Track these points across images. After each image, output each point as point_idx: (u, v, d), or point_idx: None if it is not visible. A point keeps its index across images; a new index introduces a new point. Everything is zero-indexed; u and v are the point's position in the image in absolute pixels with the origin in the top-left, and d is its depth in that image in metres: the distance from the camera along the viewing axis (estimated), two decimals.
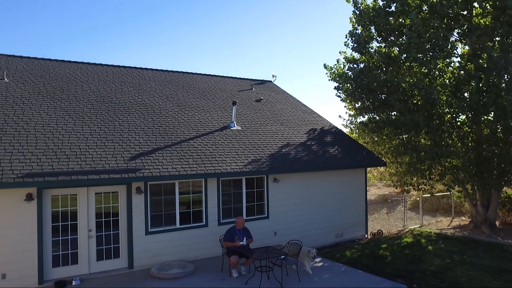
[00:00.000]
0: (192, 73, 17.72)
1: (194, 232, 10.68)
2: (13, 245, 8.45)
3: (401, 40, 15.04)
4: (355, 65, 16.46)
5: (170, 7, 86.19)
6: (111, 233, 9.70)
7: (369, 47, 16.11)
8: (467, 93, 14.60)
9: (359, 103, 17.00)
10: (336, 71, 17.00)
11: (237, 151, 11.84)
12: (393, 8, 15.01)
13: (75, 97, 12.32)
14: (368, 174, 15.21)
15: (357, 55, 16.65)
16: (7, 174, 8.11)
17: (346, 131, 17.92)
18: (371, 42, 16.02)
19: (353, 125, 18.38)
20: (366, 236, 14.41)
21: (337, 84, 16.95)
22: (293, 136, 14.10)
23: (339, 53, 17.48)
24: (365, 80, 15.25)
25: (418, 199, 18.34)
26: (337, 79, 16.84)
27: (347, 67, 16.60)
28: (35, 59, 14.37)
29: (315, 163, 12.61)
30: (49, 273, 8.91)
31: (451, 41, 14.38)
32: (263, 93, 17.71)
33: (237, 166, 11.03)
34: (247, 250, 9.30)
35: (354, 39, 15.98)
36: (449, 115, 14.46)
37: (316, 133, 15.04)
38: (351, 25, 16.34)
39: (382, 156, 17.12)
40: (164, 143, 11.09)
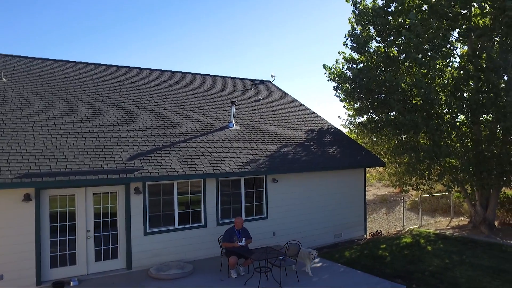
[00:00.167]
0: (191, 73, 17.69)
1: (192, 232, 10.65)
2: (10, 245, 8.41)
3: (400, 40, 15.03)
4: (354, 65, 16.44)
5: (169, 7, 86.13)
6: (110, 233, 9.66)
7: (368, 47, 16.09)
8: (466, 93, 14.59)
9: (358, 103, 17.01)
10: (335, 71, 17.00)
11: (236, 151, 11.82)
12: (393, 8, 15.01)
13: (74, 97, 12.29)
14: (367, 174, 15.18)
15: (356, 55, 16.64)
16: (5, 174, 8.08)
17: (345, 131, 17.91)
18: (370, 42, 16.01)
19: (352, 125, 18.37)
20: (365, 236, 14.40)
21: (336, 84, 16.96)
22: (292, 136, 14.08)
23: (338, 53, 17.46)
24: (364, 80, 15.24)
25: (417, 199, 18.34)
26: (336, 79, 16.85)
27: (346, 67, 16.61)
28: (33, 59, 14.33)
29: (314, 163, 12.60)
30: (47, 273, 8.87)
31: (450, 41, 14.37)
32: (262, 93, 17.69)
33: (236, 166, 11.00)
34: (246, 250, 9.28)
35: (353, 39, 15.96)
36: (448, 115, 14.46)
37: (315, 133, 15.02)
38: (350, 25, 16.33)
39: (381, 156, 17.11)
40: (162, 143, 11.05)
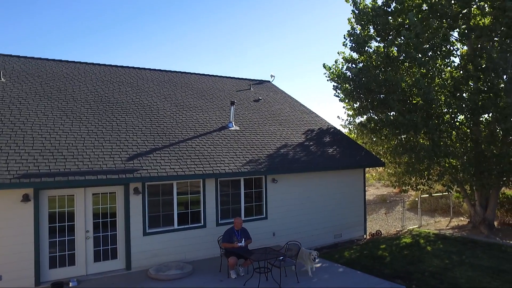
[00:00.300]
0: (190, 73, 17.67)
1: (192, 233, 10.63)
2: (9, 246, 8.38)
3: (400, 40, 15.02)
4: (354, 65, 16.42)
5: (168, 8, 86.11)
6: (109, 234, 9.63)
7: (367, 47, 16.08)
8: (466, 93, 14.58)
9: (357, 103, 16.99)
10: (334, 71, 16.97)
11: (236, 151, 11.79)
12: (392, 7, 14.97)
13: (73, 97, 12.25)
14: (366, 174, 15.16)
15: (355, 55, 16.63)
16: (4, 175, 8.05)
17: (345, 131, 17.89)
18: (370, 42, 15.99)
19: (352, 125, 18.36)
20: (364, 236, 14.39)
21: (336, 84, 16.94)
22: (292, 136, 14.06)
23: (338, 53, 17.44)
24: (363, 79, 15.22)
25: (416, 199, 18.34)
26: (336, 79, 16.82)
27: (345, 67, 16.58)
28: (32, 58, 14.30)
29: (313, 163, 12.58)
30: (46, 274, 8.84)
31: (450, 41, 14.35)
32: (261, 93, 17.67)
33: (235, 166, 10.98)
34: (246, 251, 9.26)
35: (352, 39, 15.94)
36: (448, 115, 14.45)
37: (314, 133, 15.00)
38: (350, 25, 16.31)
39: (380, 156, 17.10)
40: (162, 143, 11.03)
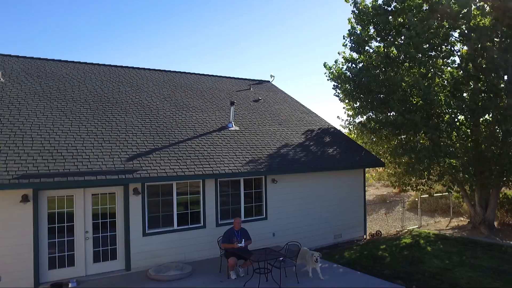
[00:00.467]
0: (189, 73, 17.64)
1: (192, 233, 10.60)
2: (8, 247, 8.35)
3: (400, 40, 15.00)
4: (354, 65, 16.40)
5: (168, 7, 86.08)
6: (108, 234, 9.60)
7: (368, 47, 16.04)
8: (466, 93, 14.57)
9: (357, 103, 16.94)
10: (334, 71, 16.94)
11: (235, 151, 11.77)
12: (393, 7, 14.93)
13: (72, 97, 12.22)
14: (366, 174, 15.14)
15: (355, 55, 16.60)
16: (3, 175, 8.01)
17: (344, 131, 17.87)
18: (370, 42, 15.97)
19: (352, 125, 18.34)
20: (364, 237, 14.37)
21: (336, 83, 16.90)
22: (292, 136, 14.04)
23: (338, 53, 17.41)
24: (363, 79, 15.19)
25: (416, 199, 18.32)
26: (336, 79, 16.78)
27: (345, 67, 16.55)
28: (31, 58, 14.26)
29: (313, 163, 12.55)
30: (45, 275, 8.81)
31: (450, 41, 14.33)
32: (261, 93, 17.64)
33: (235, 166, 10.95)
34: (246, 251, 9.23)
35: (352, 39, 15.92)
36: (447, 115, 14.43)
37: (314, 133, 14.98)
38: (350, 25, 16.27)
39: (380, 156, 17.07)
40: (161, 144, 11.00)
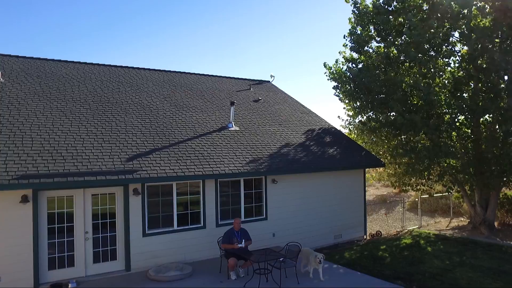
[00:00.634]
0: (189, 73, 17.62)
1: (192, 233, 10.59)
2: (8, 247, 8.34)
3: (400, 40, 14.97)
4: (354, 65, 16.38)
5: (168, 7, 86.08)
6: (108, 235, 9.59)
7: (368, 47, 16.02)
8: (466, 94, 14.55)
9: (358, 103, 16.91)
10: (335, 71, 16.92)
11: (235, 152, 11.75)
12: (393, 6, 14.90)
13: (72, 97, 12.20)
14: (366, 174, 15.12)
15: (356, 55, 16.58)
16: (2, 176, 7.99)
17: (345, 131, 17.85)
18: (370, 42, 15.95)
19: (352, 125, 18.32)
20: (365, 237, 14.35)
21: (336, 83, 16.88)
22: (292, 136, 14.02)
23: (339, 53, 17.39)
24: (364, 79, 15.16)
25: (416, 199, 18.30)
26: (336, 78, 16.76)
27: (345, 67, 16.53)
28: (31, 58, 14.24)
29: (313, 164, 12.53)
30: (45, 275, 8.80)
31: (450, 41, 14.31)
32: (261, 93, 17.63)
33: (235, 167, 10.94)
34: (246, 252, 9.21)
35: (353, 38, 15.90)
36: (448, 116, 14.41)
37: (314, 133, 14.96)
38: (350, 25, 16.25)
39: (380, 156, 17.06)
40: (161, 144, 10.98)
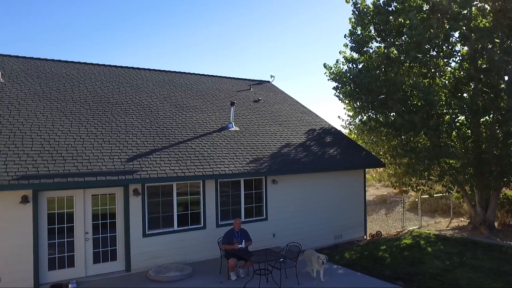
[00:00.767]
0: (189, 73, 17.62)
1: (192, 234, 10.58)
2: (8, 248, 8.33)
3: (400, 40, 14.96)
4: (354, 65, 16.37)
5: (167, 7, 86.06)
6: (108, 235, 9.58)
7: (368, 48, 16.02)
8: (466, 94, 14.54)
9: (358, 103, 16.91)
10: (335, 71, 16.91)
11: (235, 152, 11.75)
12: (393, 7, 14.90)
13: (72, 98, 12.20)
14: (366, 174, 15.11)
15: (356, 55, 16.57)
16: (2, 176, 7.99)
17: (345, 132, 17.85)
18: (370, 42, 15.94)
19: (352, 125, 18.31)
20: (365, 237, 14.35)
21: (337, 84, 16.87)
22: (292, 137, 14.02)
23: (339, 53, 17.34)
24: (364, 79, 15.16)
25: (416, 200, 18.30)
26: (337, 78, 16.75)
27: (345, 67, 16.53)
28: (31, 59, 14.23)
29: (313, 164, 12.53)
30: (45, 276, 8.79)
31: (451, 41, 14.31)
32: (261, 94, 17.62)
33: (235, 167, 10.93)
34: (246, 252, 9.21)
35: (353, 38, 15.90)
36: (448, 116, 14.40)
37: (314, 134, 14.96)
38: (351, 25, 16.25)
39: (380, 156, 17.05)
40: (161, 144, 10.98)
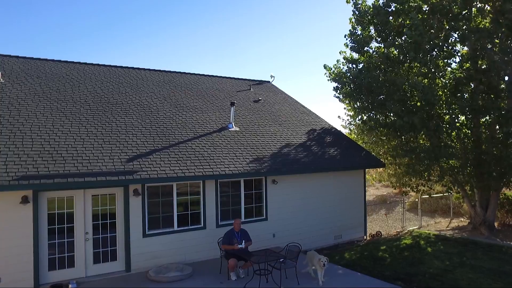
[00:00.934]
0: (189, 73, 17.62)
1: (192, 234, 10.59)
2: (8, 248, 8.34)
3: (400, 40, 14.96)
4: (354, 65, 16.37)
5: (167, 8, 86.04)
6: (108, 235, 9.59)
7: (368, 48, 16.02)
8: (466, 94, 14.54)
9: (358, 103, 16.90)
10: (335, 72, 16.90)
11: (236, 152, 11.75)
12: (393, 7, 14.90)
13: (72, 98, 12.20)
14: (366, 175, 15.12)
15: (356, 55, 16.56)
16: (2, 176, 7.99)
17: (345, 132, 17.85)
18: (370, 42, 15.93)
19: (352, 125, 18.30)
20: (365, 237, 14.35)
21: (337, 84, 16.86)
22: (292, 137, 14.02)
23: (339, 53, 17.34)
24: (364, 80, 15.15)
25: (416, 200, 18.30)
26: (337, 79, 16.74)
27: (345, 68, 16.52)
28: (31, 59, 14.23)
29: (313, 164, 12.53)
30: (45, 276, 8.80)
31: (451, 41, 14.31)
32: (261, 94, 17.62)
33: (235, 167, 10.93)
34: (246, 253, 9.21)
35: (353, 39, 15.89)
36: (448, 116, 14.40)
37: (315, 134, 14.96)
38: (351, 25, 16.24)
39: (380, 156, 17.05)
40: (161, 145, 10.98)
